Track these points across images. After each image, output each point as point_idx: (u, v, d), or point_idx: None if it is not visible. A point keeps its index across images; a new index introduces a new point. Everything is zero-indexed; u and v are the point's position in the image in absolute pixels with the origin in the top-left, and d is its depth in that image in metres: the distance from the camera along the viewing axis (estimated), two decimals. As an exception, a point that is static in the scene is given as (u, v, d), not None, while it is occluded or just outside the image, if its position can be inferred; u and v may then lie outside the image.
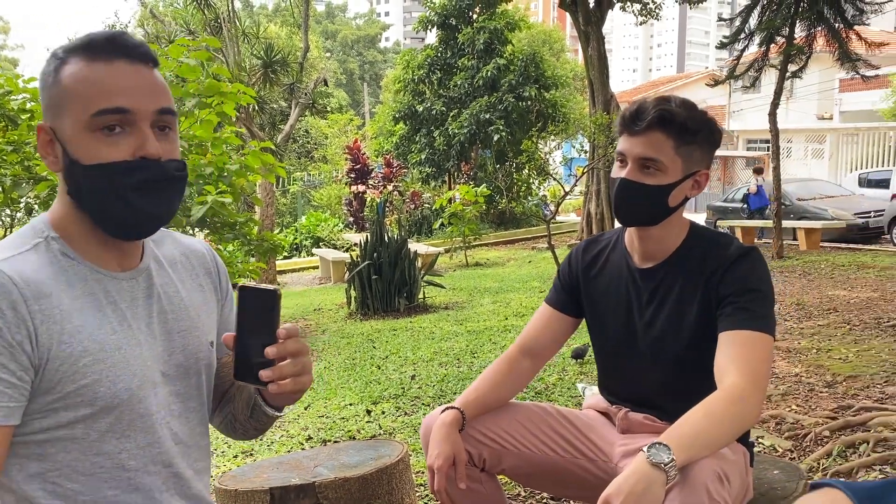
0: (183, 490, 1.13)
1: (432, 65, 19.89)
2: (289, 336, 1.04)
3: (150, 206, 1.04)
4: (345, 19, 68.25)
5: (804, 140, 23.90)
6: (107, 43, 1.03)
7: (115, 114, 1.01)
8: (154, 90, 1.04)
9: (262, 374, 1.03)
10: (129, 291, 1.10)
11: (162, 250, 1.19)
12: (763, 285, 1.51)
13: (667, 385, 1.61)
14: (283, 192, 23.49)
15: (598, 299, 1.71)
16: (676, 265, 1.59)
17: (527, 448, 1.64)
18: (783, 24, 10.00)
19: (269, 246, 6.76)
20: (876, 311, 5.87)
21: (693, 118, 1.52)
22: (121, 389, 1.04)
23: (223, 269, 1.28)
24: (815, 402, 3.68)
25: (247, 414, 1.22)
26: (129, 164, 1.01)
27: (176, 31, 13.73)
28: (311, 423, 3.80)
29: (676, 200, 1.55)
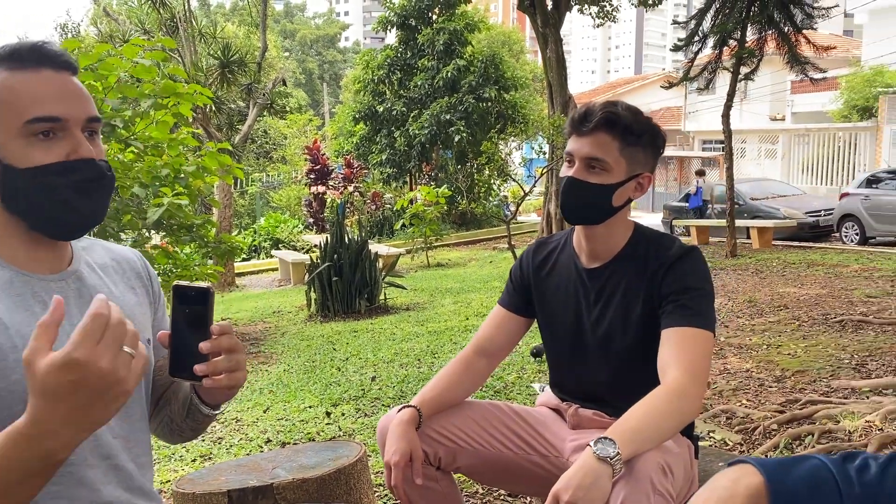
0: (126, 483, 1.14)
1: (392, 65, 19.88)
2: (222, 332, 1.07)
3: (85, 205, 1.08)
4: (303, 18, 67.76)
5: (758, 140, 24.42)
6: (31, 52, 1.06)
7: (48, 122, 1.04)
8: (82, 98, 1.08)
9: (196, 368, 1.05)
10: (60, 292, 1.11)
11: (92, 256, 1.22)
12: (703, 284, 1.57)
13: (614, 381, 1.66)
14: (241, 194, 23.24)
15: (548, 299, 1.76)
16: (621, 264, 1.64)
17: (481, 446, 1.67)
18: (735, 28, 10.23)
19: (226, 248, 6.69)
20: (824, 308, 6.05)
21: (637, 122, 1.59)
22: None
23: (154, 275, 1.31)
24: (764, 396, 3.79)
25: (183, 415, 1.24)
26: (66, 164, 1.06)
27: (130, 31, 13.50)
28: (271, 426, 3.78)
29: (620, 200, 1.61)
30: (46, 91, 1.05)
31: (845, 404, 3.37)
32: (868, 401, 3.44)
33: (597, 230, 1.65)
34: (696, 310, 1.51)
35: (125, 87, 4.85)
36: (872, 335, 4.94)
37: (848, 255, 10.08)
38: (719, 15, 10.45)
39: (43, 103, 1.04)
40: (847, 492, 0.65)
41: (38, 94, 1.05)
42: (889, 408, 3.17)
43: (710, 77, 10.95)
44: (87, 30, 19.74)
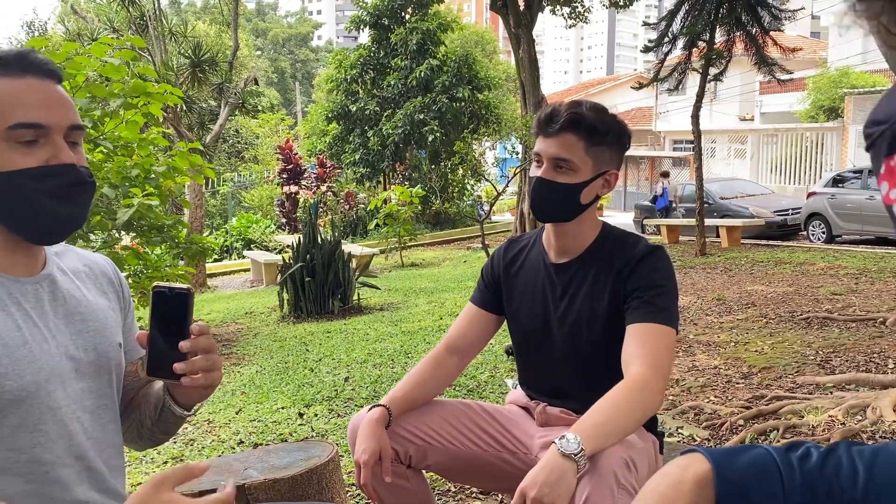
0: (98, 484, 1.16)
1: (365, 64, 19.84)
2: (200, 333, 1.10)
3: (64, 210, 1.10)
4: (276, 17, 67.32)
5: (727, 140, 24.77)
6: (16, 59, 1.07)
7: (31, 128, 1.06)
8: (64, 106, 1.10)
9: (176, 367, 1.08)
10: (34, 294, 1.13)
11: (64, 262, 1.24)
12: (667, 281, 1.61)
13: (580, 376, 1.69)
14: (212, 194, 23.05)
15: (516, 294, 1.79)
16: (589, 261, 1.69)
17: (451, 444, 1.69)
18: (704, 30, 10.38)
19: (198, 249, 6.64)
20: (790, 305, 6.17)
21: (602, 121, 1.62)
22: (28, 382, 1.07)
23: (124, 281, 1.33)
24: (731, 392, 3.86)
25: (154, 417, 1.25)
26: (45, 169, 1.07)
27: (99, 29, 13.32)
28: (243, 428, 3.77)
29: (588, 198, 1.65)
30: (30, 98, 1.06)
31: (809, 400, 3.45)
32: (831, 396, 3.52)
33: (566, 227, 1.69)
34: (659, 306, 1.55)
35: (94, 87, 4.79)
36: (837, 332, 5.05)
37: (814, 253, 10.27)
38: (689, 17, 10.60)
39: (26, 110, 1.06)
40: (788, 478, 0.68)
41: (22, 100, 1.06)
42: (851, 402, 3.26)
43: (680, 78, 11.11)
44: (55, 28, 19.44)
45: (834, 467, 0.69)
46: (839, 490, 0.67)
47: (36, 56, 1.09)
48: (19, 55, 1.08)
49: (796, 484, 0.68)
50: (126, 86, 5.00)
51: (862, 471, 0.68)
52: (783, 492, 0.68)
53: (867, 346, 4.57)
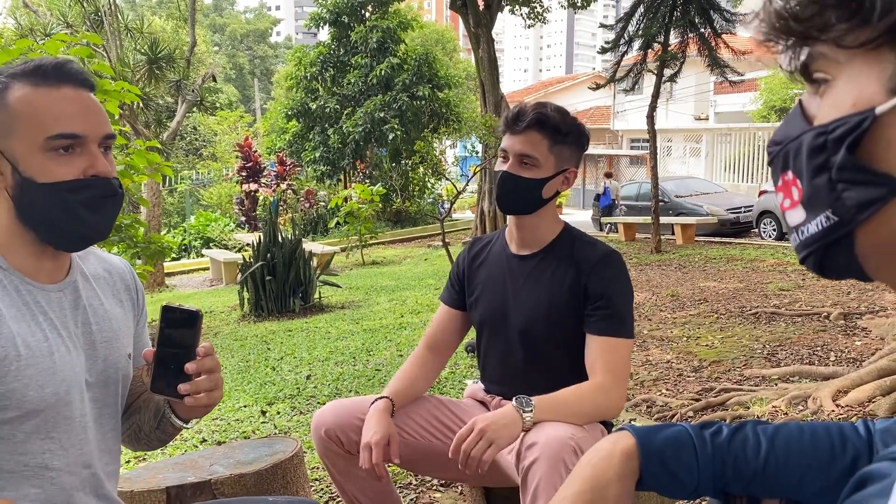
0: (96, 490, 1.19)
1: (325, 62, 19.75)
2: (206, 354, 1.13)
3: (96, 220, 1.13)
4: (233, 13, 66.42)
5: (682, 139, 25.24)
6: (54, 70, 1.09)
7: (69, 138, 1.08)
8: (100, 115, 1.13)
9: (180, 388, 1.11)
10: (58, 302, 1.16)
11: (87, 266, 1.26)
12: (626, 289, 1.75)
13: (533, 365, 1.80)
14: (170, 192, 22.73)
15: (478, 285, 1.90)
16: (550, 255, 1.80)
17: (411, 436, 1.78)
18: (659, 32, 10.62)
19: (156, 248, 6.59)
20: (741, 301, 6.38)
21: (565, 122, 1.75)
22: (48, 394, 1.10)
23: (140, 287, 1.36)
24: (682, 385, 4.01)
25: (153, 425, 1.28)
26: (82, 182, 1.10)
27: (52, 24, 13.05)
28: (206, 426, 3.80)
29: (549, 193, 1.77)
30: (68, 108, 1.09)
31: (755, 391, 3.60)
32: (776, 387, 3.69)
33: (527, 220, 1.80)
34: (619, 318, 1.70)
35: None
36: (783, 326, 5.25)
37: (765, 250, 10.59)
38: (644, 19, 10.82)
39: (65, 120, 1.08)
40: (701, 451, 0.79)
41: (60, 110, 1.08)
42: (794, 393, 3.42)
43: (636, 79, 11.32)
44: (4, 22, 18.94)
45: (741, 441, 0.79)
46: (744, 461, 0.78)
47: (73, 66, 1.11)
48: (56, 65, 1.10)
49: (708, 455, 0.78)
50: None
51: (764, 445, 0.78)
52: (697, 463, 0.78)
53: (811, 340, 4.77)
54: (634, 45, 11.21)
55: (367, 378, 4.51)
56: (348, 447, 1.73)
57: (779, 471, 0.77)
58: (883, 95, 0.48)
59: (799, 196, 0.54)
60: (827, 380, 3.64)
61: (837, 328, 5.06)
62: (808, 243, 0.54)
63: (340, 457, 1.75)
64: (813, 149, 0.52)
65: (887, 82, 0.47)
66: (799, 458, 0.78)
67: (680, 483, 0.79)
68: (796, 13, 0.51)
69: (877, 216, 0.49)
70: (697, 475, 0.79)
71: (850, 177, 0.49)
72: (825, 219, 0.52)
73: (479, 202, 15.06)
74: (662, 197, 13.11)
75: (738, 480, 0.78)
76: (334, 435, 1.73)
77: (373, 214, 14.22)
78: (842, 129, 0.49)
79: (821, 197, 0.52)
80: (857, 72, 0.49)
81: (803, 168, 0.53)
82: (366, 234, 13.31)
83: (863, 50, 0.48)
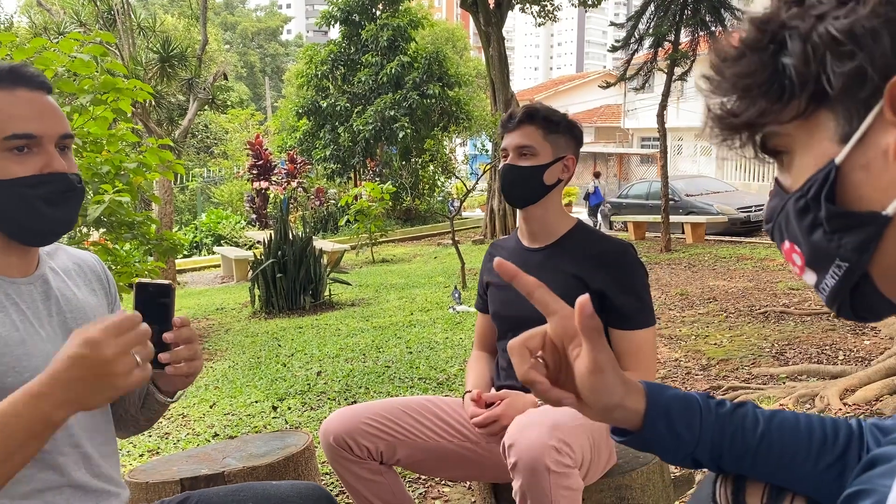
0: (93, 469, 1.24)
1: (336, 60, 19.81)
2: (182, 324, 1.19)
3: (57, 215, 1.18)
4: (245, 10, 66.66)
5: (693, 138, 25.18)
6: (9, 73, 1.14)
7: (24, 138, 1.13)
8: (55, 116, 1.18)
9: (160, 357, 1.16)
10: (29, 294, 1.21)
11: (56, 261, 1.31)
12: (643, 279, 1.81)
13: None
14: (181, 189, 22.85)
15: (494, 281, 1.95)
16: (562, 247, 1.86)
17: (417, 437, 1.81)
18: (669, 30, 10.60)
19: (168, 245, 6.65)
20: (750, 300, 6.38)
21: (553, 113, 1.86)
22: (27, 378, 1.14)
23: (111, 277, 1.41)
24: (690, 383, 4.02)
25: (138, 405, 1.34)
26: (39, 177, 1.14)
27: (65, 22, 13.15)
28: (217, 421, 3.84)
29: (551, 179, 1.84)
30: (23, 110, 1.13)
31: (763, 389, 3.62)
32: (784, 386, 3.70)
33: (534, 211, 1.86)
34: (641, 309, 1.77)
35: (63, 83, 4.79)
36: (792, 325, 5.26)
37: (775, 249, 10.48)
38: (655, 17, 10.81)
39: (19, 121, 1.12)
40: (705, 414, 0.82)
41: (15, 112, 1.13)
42: (801, 391, 3.43)
43: (646, 77, 11.31)
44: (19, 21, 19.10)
45: (741, 416, 0.82)
46: (742, 433, 0.81)
47: (28, 69, 1.16)
48: (11, 69, 1.15)
49: (710, 421, 0.81)
50: (95, 81, 5.01)
51: (762, 423, 0.81)
52: (700, 425, 0.81)
53: (820, 339, 4.77)
54: (645, 43, 11.19)
55: (377, 375, 4.55)
56: (358, 452, 1.76)
57: (771, 451, 0.80)
58: (835, 147, 0.54)
59: (802, 260, 0.60)
60: (835, 378, 3.65)
61: (847, 327, 5.05)
62: (834, 296, 0.59)
63: (351, 462, 1.77)
64: (798, 212, 0.58)
65: (833, 136, 0.54)
66: (792, 442, 0.81)
67: (679, 442, 0.81)
68: (734, 111, 0.58)
69: (879, 250, 0.54)
70: (699, 434, 0.81)
71: (841, 224, 0.55)
72: (837, 268, 0.57)
73: (489, 200, 15.09)
74: (673, 196, 13.08)
75: (732, 453, 0.81)
76: (343, 441, 1.76)
77: (383, 212, 14.26)
78: (815, 186, 0.55)
79: (823, 252, 0.57)
80: (808, 136, 0.56)
81: (797, 232, 0.59)
82: (376, 231, 13.36)
83: (802, 118, 0.55)
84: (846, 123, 0.53)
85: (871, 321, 0.60)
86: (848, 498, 0.50)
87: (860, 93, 0.52)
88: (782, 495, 0.81)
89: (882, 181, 0.52)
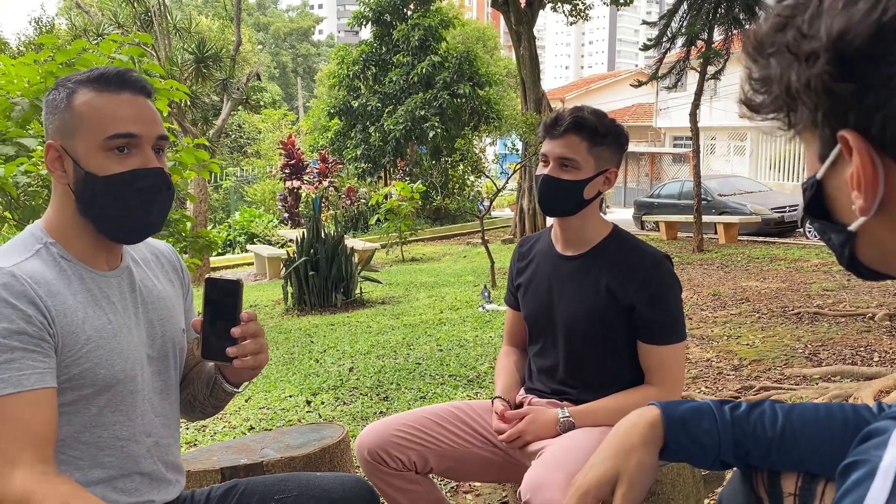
0: (162, 456, 1.31)
1: (367, 60, 19.94)
2: (250, 319, 1.25)
3: (149, 213, 1.24)
4: (277, 11, 67.32)
5: (727, 137, 24.86)
6: (117, 77, 1.22)
7: (126, 138, 1.20)
8: (154, 119, 1.25)
9: (228, 351, 1.22)
10: (117, 287, 1.28)
11: (135, 251, 1.38)
12: (676, 293, 1.78)
13: (574, 364, 1.84)
14: (215, 188, 23.17)
15: (525, 283, 1.95)
16: (596, 256, 1.83)
17: (448, 444, 1.84)
18: (703, 29, 10.50)
19: (204, 242, 6.78)
20: (783, 301, 6.32)
21: (602, 124, 1.78)
22: (118, 371, 1.22)
23: (185, 268, 1.47)
24: (722, 383, 4.01)
25: (206, 392, 1.40)
26: (136, 171, 1.21)
27: (104, 24, 13.43)
28: (253, 415, 3.93)
29: (590, 194, 1.80)
30: (126, 112, 1.21)
31: (795, 390, 3.60)
32: (817, 387, 3.67)
33: (571, 221, 1.84)
34: (672, 324, 1.76)
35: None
36: (826, 326, 5.20)
37: (809, 249, 10.41)
38: (688, 16, 10.72)
39: (122, 122, 1.20)
40: (721, 419, 0.87)
41: (119, 114, 1.20)
42: (834, 392, 3.41)
43: (679, 76, 11.22)
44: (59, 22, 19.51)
45: (759, 413, 0.86)
46: (762, 429, 0.84)
47: (132, 74, 1.24)
48: (119, 73, 1.22)
49: (727, 422, 0.86)
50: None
51: (781, 417, 0.85)
52: (717, 428, 0.85)
53: (854, 340, 4.72)
54: (678, 42, 11.10)
55: (408, 371, 4.60)
56: (393, 464, 1.80)
57: (795, 441, 0.84)
58: (818, 164, 0.61)
59: None
60: (869, 380, 3.62)
61: (882, 329, 4.99)
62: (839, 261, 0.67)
63: (387, 474, 1.80)
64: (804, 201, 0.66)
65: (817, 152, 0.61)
66: (814, 429, 0.84)
67: (702, 447, 0.86)
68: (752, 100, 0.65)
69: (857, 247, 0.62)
70: (718, 439, 0.85)
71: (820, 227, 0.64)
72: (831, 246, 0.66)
73: (519, 200, 15.08)
74: (705, 195, 12.96)
75: (757, 449, 0.85)
76: (377, 455, 1.79)
77: (412, 211, 14.33)
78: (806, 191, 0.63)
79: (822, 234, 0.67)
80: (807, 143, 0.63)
81: None
82: (406, 230, 13.42)
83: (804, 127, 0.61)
84: (824, 147, 0.60)
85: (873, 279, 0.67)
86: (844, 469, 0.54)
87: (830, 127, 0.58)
88: (816, 479, 0.84)
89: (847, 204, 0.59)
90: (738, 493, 0.90)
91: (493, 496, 2.69)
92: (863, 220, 0.57)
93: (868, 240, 0.60)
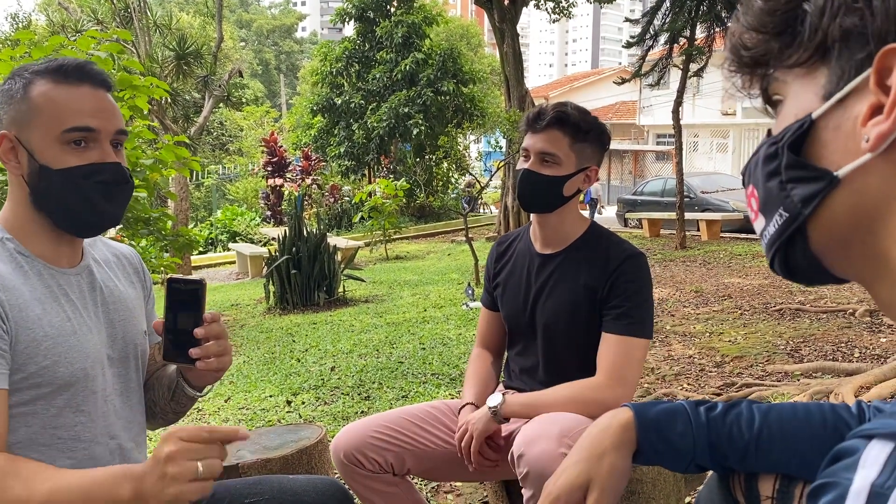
0: (126, 458, 1.28)
1: (350, 57, 19.87)
2: (213, 320, 1.21)
3: (107, 206, 1.21)
4: (259, 8, 66.98)
5: (709, 135, 25.04)
6: (76, 69, 1.19)
7: (83, 131, 1.17)
8: (114, 113, 1.22)
9: (191, 352, 1.19)
10: (77, 285, 1.24)
11: (96, 252, 1.35)
12: (646, 291, 1.75)
13: (552, 361, 1.82)
14: (196, 186, 23.00)
15: (503, 281, 1.93)
16: (574, 253, 1.81)
17: (425, 445, 1.81)
18: (685, 26, 10.53)
19: (184, 241, 6.71)
20: (765, 297, 6.34)
21: (585, 120, 1.76)
22: (77, 369, 1.18)
23: (146, 270, 1.45)
24: (704, 380, 4.01)
25: (168, 397, 1.36)
26: (94, 165, 1.18)
27: (83, 20, 13.26)
28: (232, 416, 3.88)
29: (570, 190, 1.78)
30: (85, 105, 1.18)
31: (777, 386, 3.60)
32: (798, 383, 3.68)
33: (550, 218, 1.82)
34: (636, 318, 1.70)
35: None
36: (807, 322, 5.22)
37: (791, 246, 10.47)
38: (670, 13, 10.74)
39: (81, 115, 1.17)
40: (695, 419, 0.84)
41: (78, 107, 1.17)
42: (815, 388, 3.41)
43: (661, 73, 11.25)
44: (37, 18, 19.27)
45: (735, 415, 0.84)
46: (738, 432, 0.82)
47: (93, 67, 1.20)
48: (78, 66, 1.19)
49: (702, 424, 0.83)
50: (112, 79, 5.06)
51: (758, 419, 0.82)
52: (692, 430, 0.83)
53: (836, 336, 4.74)
54: (660, 39, 11.12)
55: (391, 370, 4.57)
56: (370, 467, 1.77)
57: (772, 443, 0.82)
58: (818, 103, 0.55)
59: (757, 205, 0.61)
60: (850, 376, 3.63)
61: (863, 325, 5.02)
62: (770, 244, 0.60)
63: (364, 476, 1.77)
64: (766, 157, 0.59)
65: (820, 91, 0.55)
66: (792, 431, 0.81)
67: (676, 451, 0.83)
68: (746, 44, 0.59)
69: (821, 208, 0.55)
70: (693, 441, 0.83)
71: (795, 175, 0.57)
72: (779, 216, 0.58)
73: (503, 197, 15.07)
74: (688, 193, 13.00)
75: (733, 452, 0.82)
76: (353, 457, 1.76)
77: (396, 209, 14.29)
78: (787, 135, 0.57)
79: (773, 199, 0.59)
80: (800, 87, 0.57)
81: (759, 176, 0.60)
82: (390, 228, 13.38)
83: (803, 68, 0.56)
84: (834, 82, 0.54)
85: (800, 282, 0.62)
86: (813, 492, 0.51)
87: (856, 54, 0.52)
88: (794, 482, 0.82)
89: (845, 145, 0.53)
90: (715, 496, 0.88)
91: (475, 496, 2.67)
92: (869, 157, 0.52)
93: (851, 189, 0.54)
